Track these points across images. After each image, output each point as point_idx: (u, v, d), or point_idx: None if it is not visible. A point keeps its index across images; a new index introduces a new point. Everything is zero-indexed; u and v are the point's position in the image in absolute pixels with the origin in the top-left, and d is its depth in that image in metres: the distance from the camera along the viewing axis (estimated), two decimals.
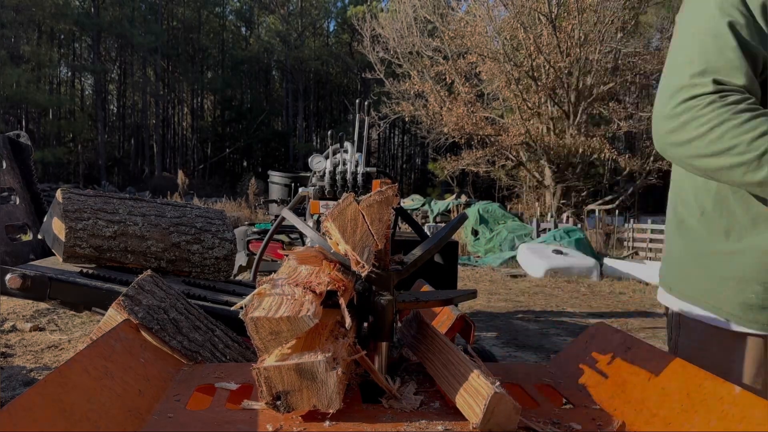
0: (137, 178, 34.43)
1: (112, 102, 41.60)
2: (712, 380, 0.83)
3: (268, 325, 0.81)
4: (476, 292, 1.16)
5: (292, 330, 0.81)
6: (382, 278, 0.98)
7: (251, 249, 4.69)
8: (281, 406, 0.83)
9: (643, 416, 0.88)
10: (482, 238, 12.12)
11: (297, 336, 0.82)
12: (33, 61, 31.76)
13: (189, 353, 1.25)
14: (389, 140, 43.24)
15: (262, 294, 0.86)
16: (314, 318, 0.81)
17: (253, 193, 17.62)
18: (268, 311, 0.81)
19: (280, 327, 0.81)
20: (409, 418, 0.87)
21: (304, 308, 0.82)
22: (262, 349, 0.83)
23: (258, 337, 0.82)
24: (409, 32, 17.45)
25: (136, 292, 1.28)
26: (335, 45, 43.35)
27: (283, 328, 0.81)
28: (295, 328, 0.81)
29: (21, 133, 2.70)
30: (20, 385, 3.28)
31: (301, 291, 0.87)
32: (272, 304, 0.83)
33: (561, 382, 1.09)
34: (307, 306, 0.83)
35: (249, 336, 0.83)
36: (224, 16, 43.04)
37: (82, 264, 2.24)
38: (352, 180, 2.21)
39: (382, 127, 19.13)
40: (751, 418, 0.72)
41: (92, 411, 0.77)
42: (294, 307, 0.82)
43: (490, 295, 7.15)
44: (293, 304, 0.83)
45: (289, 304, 0.83)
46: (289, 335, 0.81)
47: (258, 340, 0.82)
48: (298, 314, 0.80)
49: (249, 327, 0.82)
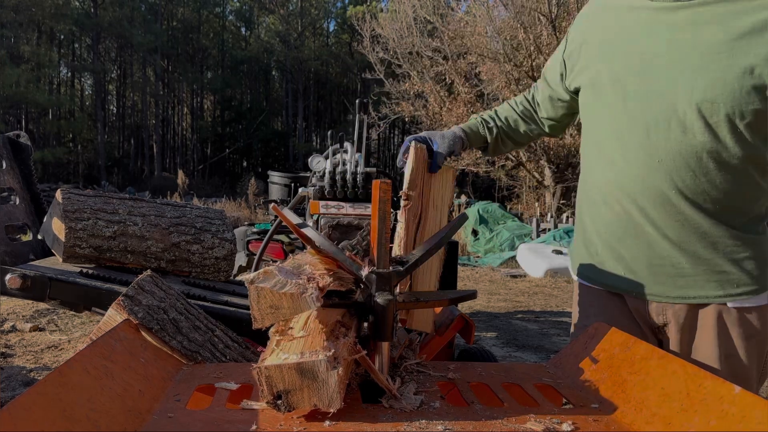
0: (137, 178, 34.42)
1: (111, 102, 41.59)
2: (712, 380, 0.83)
3: (270, 298, 0.83)
4: (476, 293, 1.16)
5: (292, 307, 0.83)
6: (382, 278, 0.98)
7: (251, 249, 4.69)
8: (282, 405, 0.83)
9: (643, 416, 0.88)
10: (482, 239, 12.11)
11: (294, 315, 0.84)
12: (33, 61, 31.73)
13: (189, 353, 1.25)
14: (389, 140, 43.22)
15: (269, 272, 0.86)
16: (316, 302, 0.83)
17: (253, 193, 17.60)
18: (273, 285, 0.83)
19: (281, 302, 0.83)
20: (409, 418, 0.87)
21: (309, 291, 0.84)
22: (258, 319, 0.85)
23: (257, 307, 0.84)
24: (408, 32, 17.45)
25: (136, 292, 1.28)
26: (335, 45, 43.34)
27: (284, 304, 0.83)
28: (296, 306, 0.83)
29: (21, 133, 2.69)
30: (20, 385, 3.28)
31: (306, 280, 0.88)
32: (278, 281, 0.85)
33: (561, 382, 1.09)
34: (311, 291, 0.85)
35: (249, 304, 0.84)
36: (224, 16, 43.02)
37: (82, 264, 2.24)
38: (351, 180, 2.21)
39: (382, 127, 19.12)
40: (751, 418, 0.73)
41: (92, 411, 0.77)
42: (299, 288, 0.84)
43: (490, 295, 7.15)
44: (298, 286, 0.85)
45: (293, 285, 0.85)
46: (288, 312, 0.83)
47: (257, 309, 0.84)
48: (302, 294, 0.83)
49: (251, 294, 0.83)
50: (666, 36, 1.22)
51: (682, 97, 1.19)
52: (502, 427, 0.86)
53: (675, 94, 1.20)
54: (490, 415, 0.90)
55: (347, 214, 2.21)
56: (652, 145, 1.23)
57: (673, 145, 1.21)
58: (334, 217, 2.20)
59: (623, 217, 1.30)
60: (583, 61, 1.39)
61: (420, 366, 1.15)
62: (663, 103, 1.21)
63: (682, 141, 1.20)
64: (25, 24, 31.96)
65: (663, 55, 1.22)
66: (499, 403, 0.98)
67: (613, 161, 1.31)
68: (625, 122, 1.28)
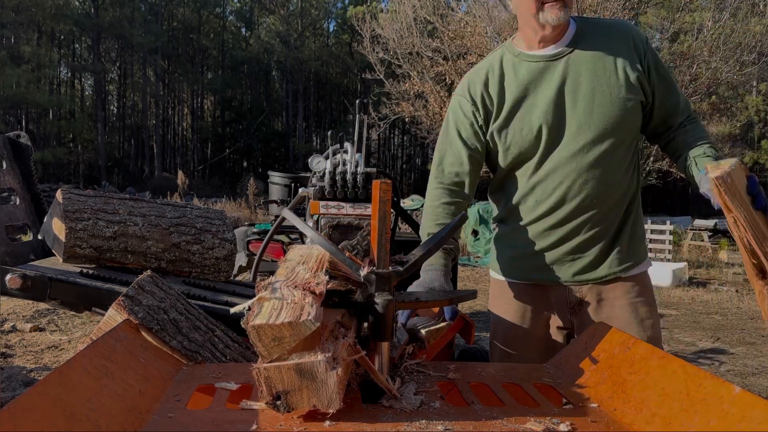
0: (137, 179, 34.42)
1: (112, 102, 41.59)
2: (712, 380, 0.83)
3: (271, 332, 0.80)
4: (476, 293, 1.16)
5: (294, 335, 0.80)
6: (382, 278, 0.98)
7: (251, 249, 4.69)
8: (281, 405, 0.83)
9: (643, 416, 0.88)
10: (482, 239, 12.10)
11: (300, 340, 0.82)
12: (33, 62, 31.73)
13: (189, 353, 1.25)
14: (389, 140, 43.23)
15: (262, 299, 0.85)
16: (316, 321, 0.80)
17: (253, 194, 17.59)
18: (269, 317, 0.81)
19: (282, 333, 0.80)
20: (409, 418, 0.87)
21: (305, 312, 0.81)
22: (265, 356, 0.82)
23: (261, 344, 0.81)
24: (408, 33, 17.43)
25: (136, 293, 1.28)
26: (335, 45, 43.34)
27: (286, 333, 0.80)
28: (298, 332, 0.80)
29: (21, 134, 2.70)
30: (20, 385, 3.28)
31: (301, 293, 0.87)
32: (273, 309, 0.83)
33: (561, 382, 1.09)
34: (308, 309, 0.82)
35: (252, 344, 0.82)
36: (224, 17, 43.03)
37: (82, 264, 2.24)
38: (351, 180, 2.21)
39: (382, 128, 19.10)
40: (751, 418, 0.73)
41: (92, 411, 0.77)
42: (295, 311, 0.82)
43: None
44: (293, 308, 0.83)
45: (289, 309, 0.82)
46: (291, 340, 0.81)
47: (261, 347, 0.81)
48: (299, 319, 0.80)
49: (251, 335, 0.81)
50: (559, 81, 1.52)
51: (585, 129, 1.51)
52: (502, 427, 0.86)
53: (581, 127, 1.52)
54: (490, 415, 0.90)
55: (347, 214, 2.21)
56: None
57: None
58: (334, 217, 2.20)
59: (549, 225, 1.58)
60: (494, 117, 1.58)
61: (420, 366, 1.15)
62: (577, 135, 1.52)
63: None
64: (25, 24, 31.97)
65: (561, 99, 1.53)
66: (499, 403, 0.98)
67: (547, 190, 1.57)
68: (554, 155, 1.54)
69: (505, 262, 1.69)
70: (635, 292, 1.58)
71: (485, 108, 1.59)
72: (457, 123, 1.63)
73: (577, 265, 1.57)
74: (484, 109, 1.59)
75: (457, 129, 1.62)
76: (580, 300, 1.60)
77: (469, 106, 1.60)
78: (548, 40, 1.54)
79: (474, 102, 1.59)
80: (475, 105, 1.59)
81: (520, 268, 1.65)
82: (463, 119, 1.61)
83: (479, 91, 1.59)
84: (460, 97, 1.63)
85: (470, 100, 1.60)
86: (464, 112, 1.61)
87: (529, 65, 1.55)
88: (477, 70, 1.64)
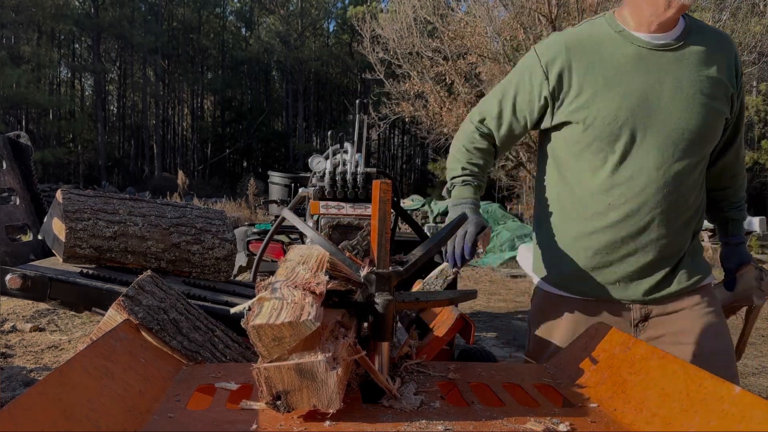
0: (137, 179, 34.40)
1: (112, 102, 41.57)
2: (712, 380, 0.83)
3: (271, 332, 0.80)
4: (476, 293, 1.16)
5: (294, 335, 0.80)
6: (382, 278, 0.98)
7: (251, 249, 4.69)
8: (281, 405, 0.83)
9: (643, 416, 0.88)
10: None
11: (300, 340, 0.82)
12: (33, 62, 31.71)
13: (189, 353, 1.25)
14: (389, 140, 43.21)
15: (262, 299, 0.85)
16: (316, 321, 0.80)
17: (253, 194, 17.59)
18: (269, 317, 0.81)
19: (282, 333, 0.80)
20: (409, 418, 0.87)
21: (305, 312, 0.81)
22: (265, 356, 0.82)
23: (261, 344, 0.81)
24: (408, 33, 17.44)
25: (136, 293, 1.28)
26: (335, 45, 43.33)
27: (286, 333, 0.80)
28: (298, 332, 0.80)
29: (21, 134, 2.69)
30: (20, 385, 3.28)
31: (301, 293, 0.87)
32: (273, 309, 0.83)
33: (561, 382, 1.09)
34: (308, 309, 0.82)
35: (252, 344, 0.82)
36: (224, 17, 43.01)
37: (82, 264, 2.24)
38: (351, 180, 2.21)
39: (382, 128, 19.10)
40: (751, 418, 0.73)
41: (92, 411, 0.77)
42: (295, 311, 0.81)
43: (490, 296, 7.14)
44: (294, 308, 0.83)
45: (289, 309, 0.82)
46: (292, 340, 0.81)
47: (261, 347, 0.81)
48: (299, 319, 0.80)
49: (251, 335, 0.81)
50: (658, 76, 1.38)
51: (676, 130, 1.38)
52: (502, 427, 0.86)
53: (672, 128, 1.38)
54: (490, 415, 0.90)
55: (347, 214, 2.20)
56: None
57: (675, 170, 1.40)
58: (334, 217, 2.20)
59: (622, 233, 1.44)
60: (573, 97, 1.44)
61: (420, 366, 1.15)
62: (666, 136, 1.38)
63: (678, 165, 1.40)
64: (25, 24, 31.96)
65: (662, 94, 1.38)
66: (499, 403, 0.98)
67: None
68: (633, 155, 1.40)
69: (560, 274, 1.52)
70: (705, 303, 1.46)
71: (560, 83, 1.42)
72: (518, 87, 1.49)
73: (648, 282, 1.44)
74: (559, 84, 1.42)
75: (515, 92, 1.50)
76: (646, 315, 1.47)
77: (540, 76, 1.44)
78: (666, 26, 1.36)
79: (547, 76, 1.43)
80: (548, 79, 1.43)
81: (581, 282, 1.48)
82: (527, 85, 1.47)
83: (558, 66, 1.42)
84: (536, 64, 1.45)
85: (544, 71, 1.43)
86: (532, 80, 1.46)
87: (630, 48, 1.38)
88: (567, 37, 1.45)
